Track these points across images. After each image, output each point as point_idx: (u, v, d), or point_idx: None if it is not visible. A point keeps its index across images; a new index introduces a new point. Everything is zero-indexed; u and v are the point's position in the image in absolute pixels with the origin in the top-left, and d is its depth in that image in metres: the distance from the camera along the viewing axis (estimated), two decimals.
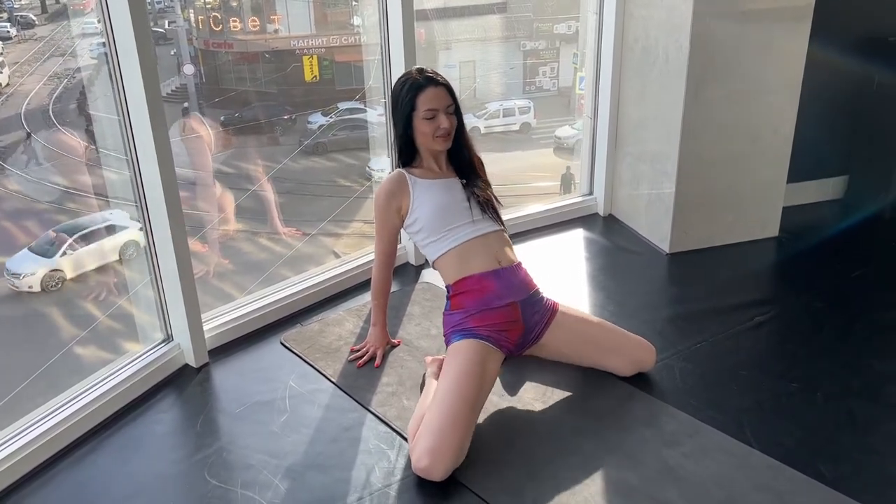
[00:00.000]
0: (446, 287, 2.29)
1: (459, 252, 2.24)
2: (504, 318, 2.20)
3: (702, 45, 2.90)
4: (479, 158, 2.40)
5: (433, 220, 2.26)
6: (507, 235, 2.35)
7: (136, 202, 2.29)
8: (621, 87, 3.37)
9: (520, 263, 2.31)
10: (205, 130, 4.00)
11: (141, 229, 2.33)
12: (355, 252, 3.13)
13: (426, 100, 2.21)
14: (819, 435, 2.12)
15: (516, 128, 12.79)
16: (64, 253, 5.71)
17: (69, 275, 5.60)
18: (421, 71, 2.26)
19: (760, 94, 3.08)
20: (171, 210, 2.24)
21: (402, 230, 2.40)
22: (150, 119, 2.14)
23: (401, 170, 2.34)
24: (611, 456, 2.03)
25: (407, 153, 2.33)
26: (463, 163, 2.35)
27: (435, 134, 2.24)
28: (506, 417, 2.18)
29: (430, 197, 2.28)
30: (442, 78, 2.25)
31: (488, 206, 2.31)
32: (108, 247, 5.54)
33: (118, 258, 5.38)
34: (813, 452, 2.04)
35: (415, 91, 2.22)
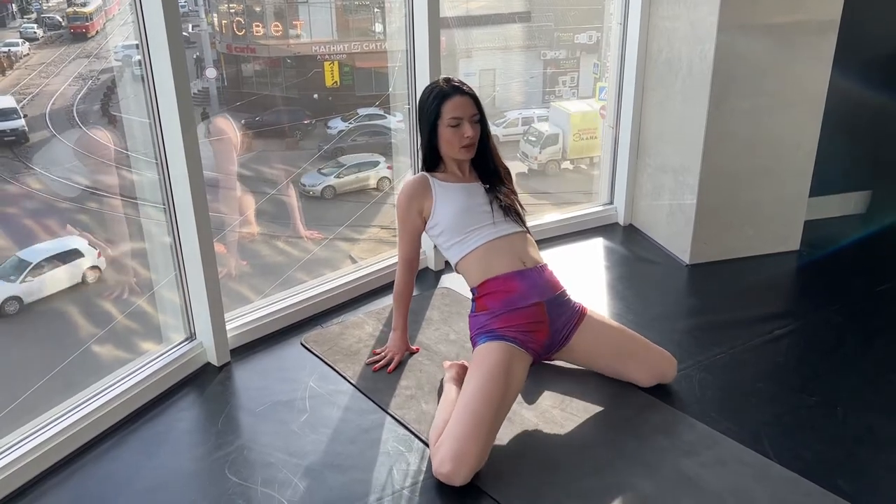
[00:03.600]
0: (471, 290, 2.30)
1: (482, 253, 2.25)
2: (529, 319, 2.19)
3: (725, 58, 2.91)
4: (506, 168, 2.40)
5: (454, 222, 2.27)
6: (530, 237, 2.35)
7: (163, 203, 2.33)
8: (644, 97, 3.38)
9: (545, 265, 2.31)
10: (233, 132, 4.04)
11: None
12: (373, 257, 3.16)
13: (451, 108, 2.23)
14: (838, 449, 2.12)
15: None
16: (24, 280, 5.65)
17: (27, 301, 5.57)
18: (448, 80, 2.28)
19: (783, 108, 3.07)
20: (198, 211, 2.27)
21: (424, 233, 2.41)
22: (180, 121, 2.17)
23: (424, 173, 2.37)
24: (628, 465, 2.04)
25: (431, 160, 2.36)
26: (487, 170, 2.36)
27: (460, 144, 2.25)
28: (524, 424, 2.19)
29: (452, 200, 2.30)
30: (468, 87, 2.27)
31: (510, 211, 2.31)
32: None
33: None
34: (832, 466, 2.03)
35: (440, 99, 2.24)
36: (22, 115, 7.82)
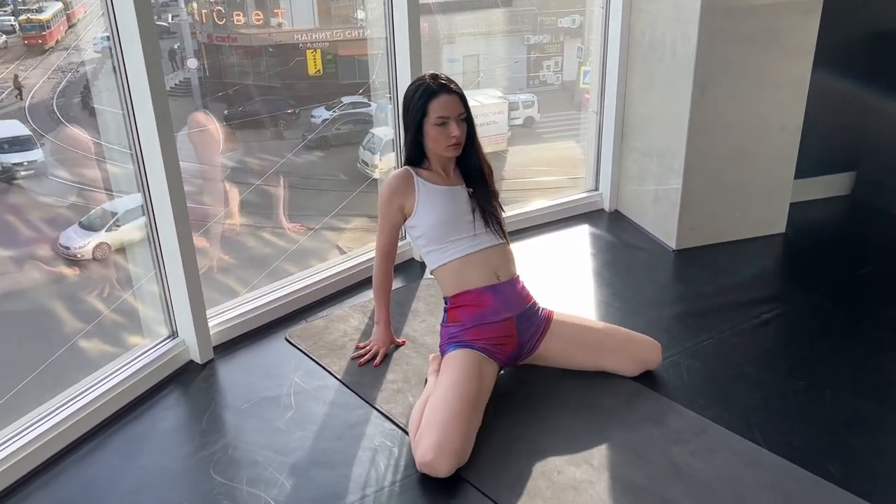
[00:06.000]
0: (444, 298, 2.28)
1: (459, 265, 2.23)
2: (499, 333, 2.21)
3: (709, 40, 2.88)
4: (489, 167, 2.36)
5: (435, 231, 2.25)
6: (509, 248, 2.33)
7: (141, 198, 2.28)
8: (628, 81, 3.35)
9: (518, 276, 2.30)
10: (212, 126, 3.98)
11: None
12: (359, 247, 3.12)
13: (438, 107, 2.19)
14: (827, 434, 2.11)
15: (520, 122, 12.73)
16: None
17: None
18: (435, 77, 2.23)
19: (768, 90, 3.06)
20: (176, 205, 2.23)
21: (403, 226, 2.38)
22: (155, 113, 2.12)
23: (408, 168, 2.31)
24: (617, 454, 2.02)
25: (416, 157, 2.31)
26: (472, 170, 2.32)
27: (447, 143, 2.21)
28: (511, 414, 2.17)
29: (434, 206, 2.26)
30: (455, 85, 2.23)
31: (492, 220, 2.29)
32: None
33: None
34: (821, 451, 2.02)
35: (427, 97, 2.19)
36: (39, 145, 6.68)
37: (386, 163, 9.31)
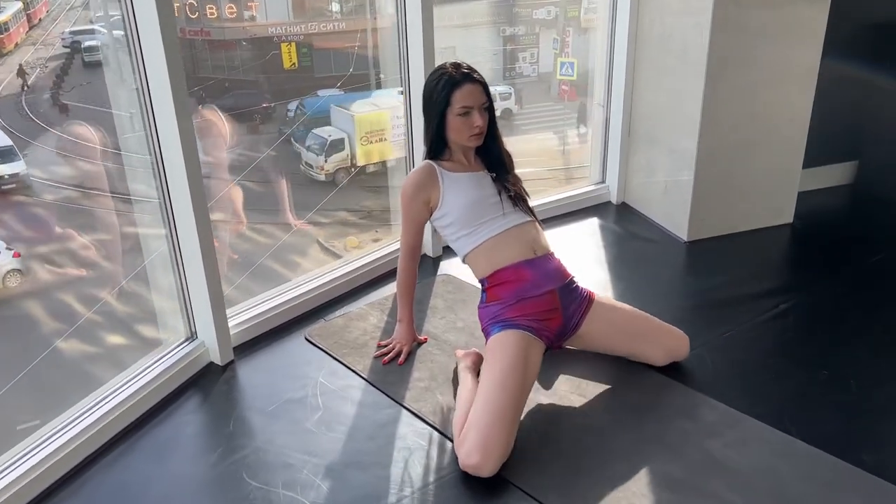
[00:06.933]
0: (480, 281, 2.25)
1: (492, 244, 2.20)
2: (543, 307, 2.15)
3: (721, 31, 2.88)
4: (509, 154, 2.35)
5: (464, 216, 2.22)
6: (539, 225, 2.31)
7: (159, 198, 2.22)
8: (636, 73, 3.33)
9: (552, 252, 2.28)
10: (221, 123, 3.89)
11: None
12: (338, 241, 3.08)
13: (462, 96, 2.16)
14: (856, 422, 2.12)
15: (498, 114, 12.70)
16: None
17: None
18: (457, 66, 2.20)
19: (778, 81, 3.06)
20: (197, 206, 2.17)
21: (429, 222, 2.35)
22: (175, 110, 2.06)
23: (430, 161, 2.29)
24: (653, 448, 2.02)
25: (437, 147, 2.28)
26: (493, 158, 2.30)
27: (470, 133, 2.19)
28: (544, 411, 2.16)
29: (461, 191, 2.23)
30: (478, 74, 2.20)
31: (519, 200, 2.27)
32: None
33: None
34: (853, 440, 2.04)
35: (451, 87, 2.16)
36: (22, 156, 6.07)
37: (331, 164, 9.18)
